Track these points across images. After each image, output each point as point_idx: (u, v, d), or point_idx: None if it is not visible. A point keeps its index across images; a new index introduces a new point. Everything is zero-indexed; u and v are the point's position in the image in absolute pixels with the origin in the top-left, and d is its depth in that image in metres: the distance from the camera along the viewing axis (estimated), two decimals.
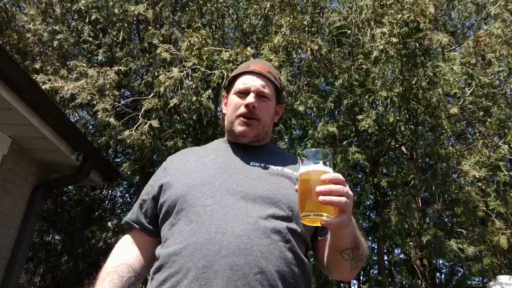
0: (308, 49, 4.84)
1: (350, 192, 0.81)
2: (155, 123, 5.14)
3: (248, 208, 0.95)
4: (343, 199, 0.78)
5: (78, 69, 5.42)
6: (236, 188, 0.99)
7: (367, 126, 5.26)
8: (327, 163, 0.83)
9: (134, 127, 5.19)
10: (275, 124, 1.29)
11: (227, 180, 1.01)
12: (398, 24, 5.05)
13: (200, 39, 4.81)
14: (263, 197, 0.98)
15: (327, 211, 0.79)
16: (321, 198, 0.77)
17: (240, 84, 1.18)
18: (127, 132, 5.05)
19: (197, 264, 0.87)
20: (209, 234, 0.90)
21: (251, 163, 1.09)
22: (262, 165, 1.09)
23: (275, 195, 0.99)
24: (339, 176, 0.81)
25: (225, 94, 1.28)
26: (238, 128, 1.12)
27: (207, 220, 0.92)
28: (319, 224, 0.81)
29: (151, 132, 5.32)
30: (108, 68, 5.49)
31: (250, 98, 1.12)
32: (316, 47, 4.86)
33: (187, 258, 0.89)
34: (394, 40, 4.98)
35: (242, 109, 1.13)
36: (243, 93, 1.15)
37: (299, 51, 5.31)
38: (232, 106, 1.18)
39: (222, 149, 1.16)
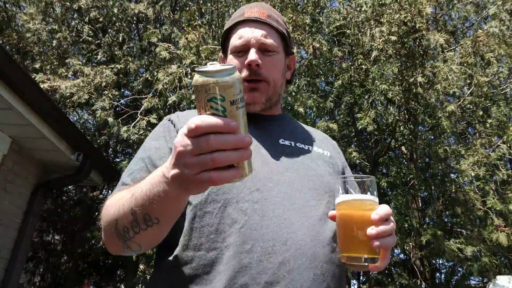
0: (310, 47, 4.83)
1: (394, 224, 0.73)
2: (153, 119, 5.14)
3: (300, 205, 0.81)
4: (394, 239, 0.71)
5: (74, 67, 5.43)
6: (278, 178, 0.84)
7: (366, 124, 5.28)
8: (374, 192, 0.73)
9: (132, 124, 5.20)
10: (288, 81, 1.08)
11: (265, 167, 0.84)
12: (396, 24, 5.07)
13: (198, 36, 4.80)
14: (310, 189, 0.85)
15: (377, 254, 0.70)
16: (376, 243, 0.68)
17: (235, 39, 0.95)
18: (124, 128, 5.06)
19: (257, 280, 0.70)
20: (267, 241, 0.74)
21: (280, 141, 0.94)
22: (293, 144, 0.95)
23: (319, 186, 0.87)
24: (388, 211, 0.71)
25: (222, 56, 1.06)
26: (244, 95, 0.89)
27: (260, 222, 0.76)
28: (366, 268, 0.72)
29: (149, 128, 5.32)
30: (105, 66, 5.50)
31: (252, 55, 0.91)
32: (318, 45, 4.86)
33: (243, 271, 0.71)
34: (393, 38, 5.00)
35: (245, 72, 0.92)
36: (242, 51, 0.94)
37: (299, 50, 5.31)
38: None
39: None
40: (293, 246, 0.75)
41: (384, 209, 0.71)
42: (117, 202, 0.72)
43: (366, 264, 0.70)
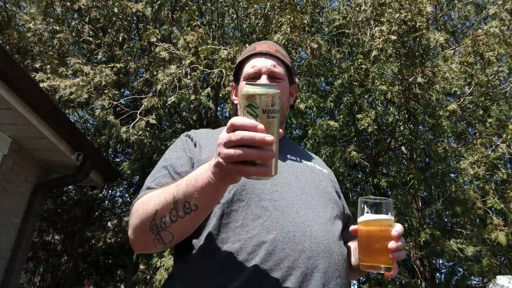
0: (308, 47, 4.83)
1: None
2: (152, 119, 5.12)
3: (312, 206, 0.92)
4: (405, 252, 0.86)
5: (74, 66, 5.41)
6: (291, 184, 0.95)
7: (366, 125, 5.28)
8: (392, 212, 0.89)
9: (132, 124, 5.19)
10: (291, 107, 1.23)
11: (279, 174, 0.89)
12: (396, 23, 5.07)
13: (197, 37, 4.80)
14: (318, 195, 0.97)
15: (392, 264, 0.85)
16: (396, 255, 0.83)
17: (249, 68, 1.11)
18: (124, 128, 5.05)
19: (280, 265, 0.79)
20: (288, 232, 0.84)
21: (288, 156, 1.06)
22: (298, 159, 1.07)
23: (324, 194, 1.00)
24: (402, 229, 0.86)
25: (234, 84, 1.22)
26: None
27: (280, 216, 0.86)
28: (379, 272, 0.89)
29: (148, 128, 5.30)
30: (104, 65, 5.48)
31: (263, 81, 1.06)
32: (316, 46, 4.86)
33: (268, 258, 0.80)
34: (393, 37, 4.99)
35: None
36: (254, 78, 1.09)
37: (299, 50, 5.30)
38: None
39: None
40: (311, 237, 0.85)
41: (400, 227, 0.85)
42: (159, 195, 0.79)
43: (383, 272, 0.85)
